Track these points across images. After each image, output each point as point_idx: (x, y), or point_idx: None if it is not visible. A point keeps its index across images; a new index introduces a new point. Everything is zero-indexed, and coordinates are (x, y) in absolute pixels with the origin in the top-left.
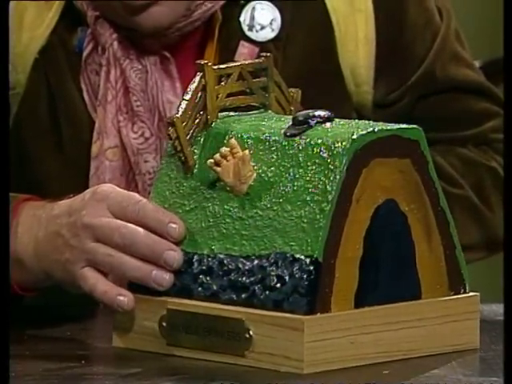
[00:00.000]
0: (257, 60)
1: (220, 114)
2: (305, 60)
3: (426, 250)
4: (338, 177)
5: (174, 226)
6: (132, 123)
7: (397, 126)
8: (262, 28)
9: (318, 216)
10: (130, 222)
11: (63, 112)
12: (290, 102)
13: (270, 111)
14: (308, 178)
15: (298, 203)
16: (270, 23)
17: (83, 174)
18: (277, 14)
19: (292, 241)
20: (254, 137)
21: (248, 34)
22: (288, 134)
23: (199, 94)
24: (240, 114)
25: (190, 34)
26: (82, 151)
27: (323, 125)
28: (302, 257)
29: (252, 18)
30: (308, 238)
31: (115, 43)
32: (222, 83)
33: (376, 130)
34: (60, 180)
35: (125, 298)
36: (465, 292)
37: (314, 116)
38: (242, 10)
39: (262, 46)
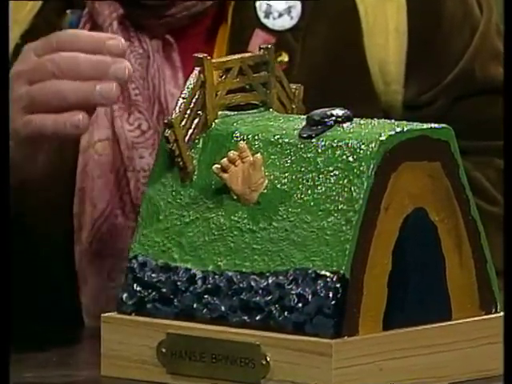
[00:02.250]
0: (257, 53)
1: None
2: (327, 53)
3: (456, 264)
4: (365, 183)
5: (112, 41)
6: (128, 113)
7: (426, 125)
8: (280, 15)
9: (343, 227)
10: None
11: None
12: (291, 99)
13: (271, 109)
14: (330, 185)
15: (320, 213)
16: (289, 10)
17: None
18: (297, 1)
19: (314, 255)
20: (263, 139)
21: (264, 21)
22: (304, 135)
23: (197, 92)
24: (240, 112)
25: (199, 17)
26: (64, 144)
27: (342, 125)
28: (327, 273)
29: (269, 3)
30: (333, 252)
31: (115, 23)
32: (221, 79)
33: (405, 129)
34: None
35: (78, 115)
36: (496, 311)
37: (332, 115)
38: None
39: (278, 35)
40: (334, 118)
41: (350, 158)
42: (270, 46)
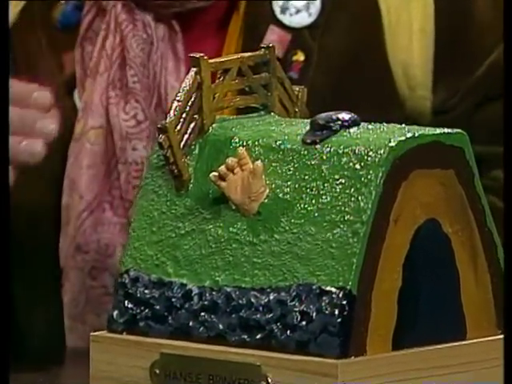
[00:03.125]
0: (257, 52)
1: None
2: (346, 53)
3: (471, 279)
4: (373, 192)
5: (38, 93)
6: (125, 102)
7: (438, 130)
8: (298, 12)
9: (350, 240)
10: None
11: None
12: (294, 101)
13: (272, 113)
14: (336, 194)
15: (325, 224)
16: (308, 7)
17: None
18: None
19: (318, 270)
20: (263, 144)
21: (280, 17)
22: (308, 140)
23: (194, 94)
24: (238, 117)
25: (210, 5)
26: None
27: (349, 130)
28: (333, 289)
29: None
30: (339, 267)
31: (119, 4)
32: (218, 80)
33: (416, 135)
34: None
35: None
36: None
37: (338, 119)
38: None
39: (295, 32)
40: (339, 122)
41: (357, 166)
42: (270, 44)
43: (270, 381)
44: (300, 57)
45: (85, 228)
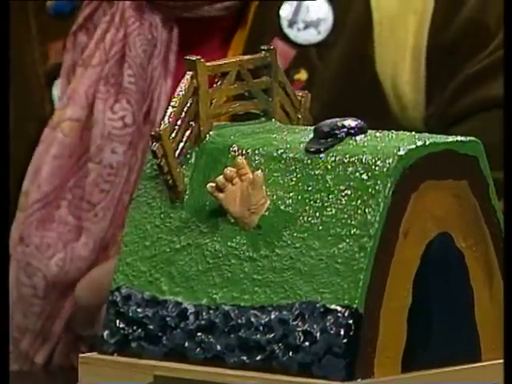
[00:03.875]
0: (258, 55)
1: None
2: (341, 68)
3: (486, 296)
4: (381, 204)
5: None
6: (114, 100)
7: (451, 137)
8: (306, 27)
9: (357, 255)
10: None
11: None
12: (296, 107)
13: (273, 120)
14: (341, 206)
15: (329, 239)
16: (318, 23)
17: None
18: (328, 13)
19: (323, 287)
20: (264, 153)
21: (286, 31)
22: (312, 149)
23: (189, 99)
24: (238, 123)
25: (223, 15)
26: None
27: (355, 137)
28: (338, 307)
29: (296, 11)
30: (344, 283)
31: None
32: (216, 85)
33: (427, 143)
34: None
35: None
36: None
37: (343, 126)
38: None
39: (300, 49)
40: (345, 129)
41: (364, 176)
42: (272, 47)
43: None
44: (302, 76)
45: (32, 220)
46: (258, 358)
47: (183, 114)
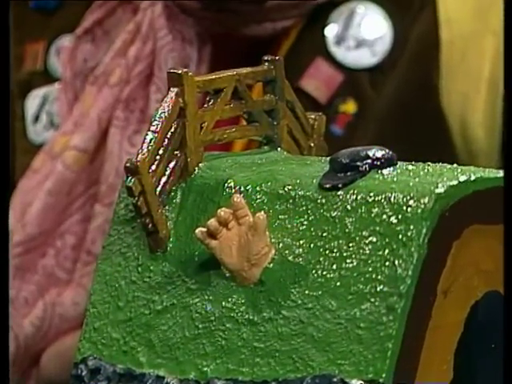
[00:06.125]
0: (259, 67)
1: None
2: (398, 100)
3: None
4: (415, 254)
5: None
6: (135, 130)
7: (501, 172)
8: (358, 46)
9: (384, 318)
10: None
11: None
12: (308, 133)
13: (279, 149)
14: (364, 257)
15: (350, 297)
16: (373, 43)
17: None
18: (387, 29)
19: (341, 357)
20: (267, 190)
21: (332, 50)
22: (327, 185)
23: (174, 123)
24: (234, 153)
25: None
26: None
27: (381, 171)
28: (360, 382)
29: (346, 25)
30: (368, 353)
31: (159, 5)
32: (208, 104)
33: (473, 178)
34: None
35: None
36: None
37: (367, 156)
38: (333, 11)
39: (349, 73)
40: (369, 160)
41: (393, 219)
42: (278, 57)
43: None
44: (350, 107)
45: (10, 266)
46: None
47: (166, 140)
